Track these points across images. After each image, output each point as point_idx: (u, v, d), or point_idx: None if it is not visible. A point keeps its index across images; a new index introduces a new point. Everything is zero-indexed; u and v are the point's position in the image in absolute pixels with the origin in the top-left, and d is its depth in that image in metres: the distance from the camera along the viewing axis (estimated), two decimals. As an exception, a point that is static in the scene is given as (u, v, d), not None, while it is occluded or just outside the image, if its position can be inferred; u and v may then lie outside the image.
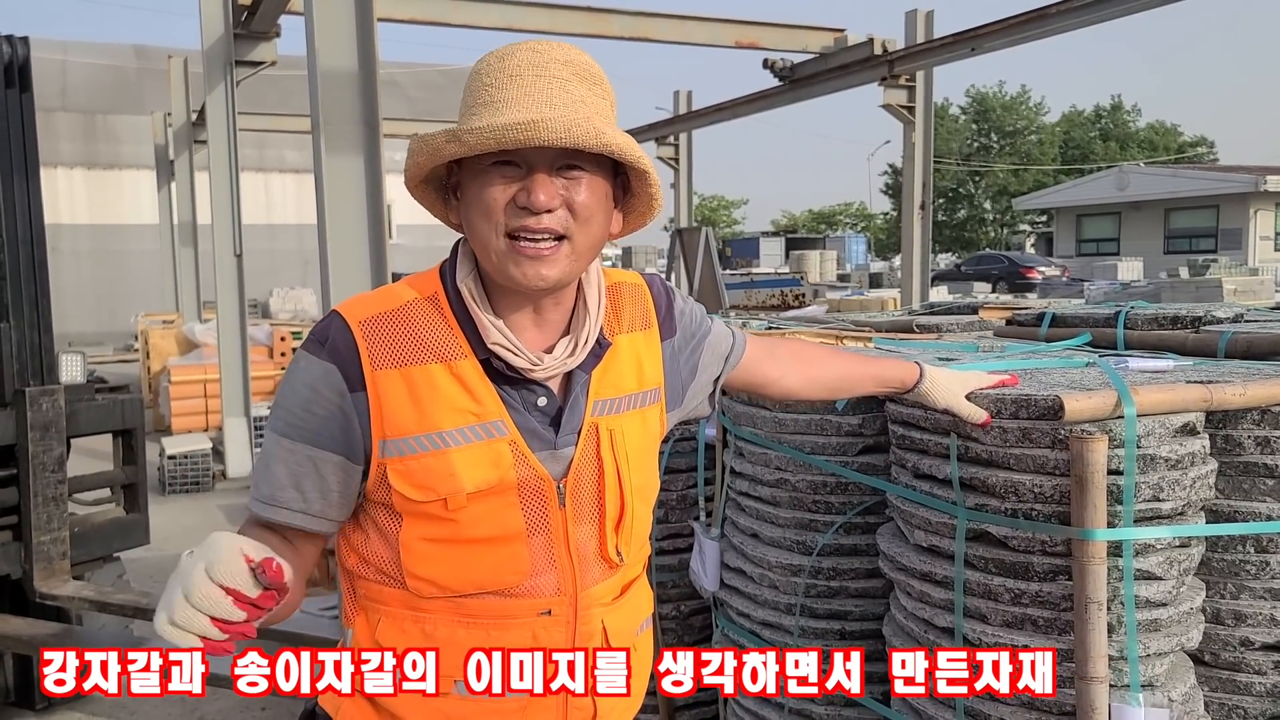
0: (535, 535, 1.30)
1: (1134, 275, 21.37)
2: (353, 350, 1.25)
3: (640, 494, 1.39)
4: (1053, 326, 3.03)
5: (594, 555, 1.35)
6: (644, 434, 1.40)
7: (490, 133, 1.16)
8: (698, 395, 1.54)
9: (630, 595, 1.43)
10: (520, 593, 1.30)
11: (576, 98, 1.23)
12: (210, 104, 8.26)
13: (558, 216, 1.22)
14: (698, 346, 1.52)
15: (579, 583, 1.33)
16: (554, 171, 1.22)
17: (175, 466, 7.92)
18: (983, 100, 48.24)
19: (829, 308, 8.79)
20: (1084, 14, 6.99)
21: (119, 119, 22.39)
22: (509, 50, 1.25)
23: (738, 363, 1.60)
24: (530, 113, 1.19)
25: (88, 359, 4.38)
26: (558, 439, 1.31)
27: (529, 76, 1.22)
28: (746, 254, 42.14)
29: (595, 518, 1.35)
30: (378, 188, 4.01)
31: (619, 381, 1.37)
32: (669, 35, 8.90)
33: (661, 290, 1.48)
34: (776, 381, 1.67)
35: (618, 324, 1.39)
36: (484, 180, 1.23)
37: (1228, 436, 2.00)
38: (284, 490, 1.27)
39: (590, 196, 1.24)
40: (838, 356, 1.79)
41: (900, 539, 2.14)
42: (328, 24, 3.88)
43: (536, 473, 1.29)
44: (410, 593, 1.30)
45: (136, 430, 4.19)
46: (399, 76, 24.23)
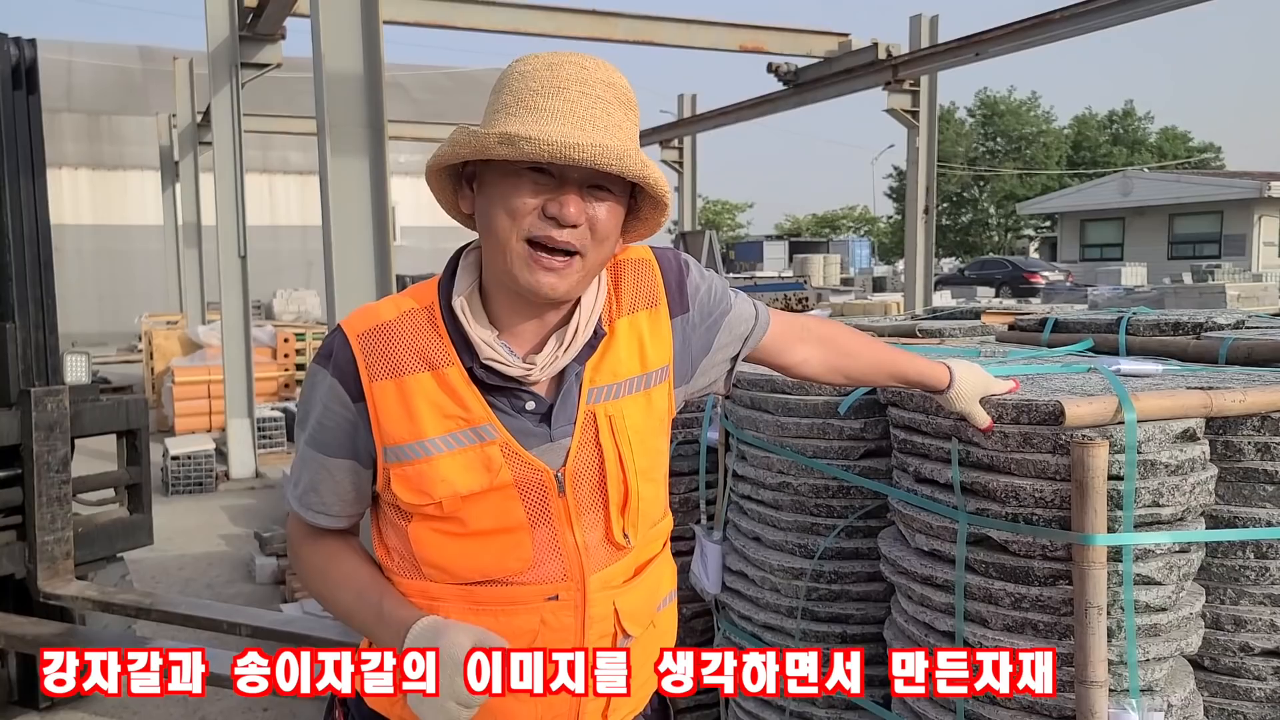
0: (538, 526, 1.32)
1: (1138, 280, 21.33)
2: (352, 364, 1.31)
3: (645, 475, 1.39)
4: (1055, 332, 3.03)
5: (600, 540, 1.36)
6: (648, 415, 1.40)
7: (546, 145, 1.18)
8: (710, 373, 1.51)
9: (647, 574, 1.44)
10: (526, 580, 1.32)
11: (616, 122, 1.26)
12: (215, 106, 8.29)
13: (579, 233, 1.25)
14: (715, 324, 1.48)
15: (586, 568, 1.34)
16: (584, 189, 1.25)
17: (179, 467, 7.94)
18: (991, 105, 48.23)
19: (832, 311, 8.80)
20: (1088, 19, 7.00)
21: (124, 120, 22.46)
22: (557, 60, 1.27)
23: (758, 344, 1.56)
24: (581, 133, 1.21)
25: (92, 359, 4.39)
26: (552, 432, 1.32)
27: (575, 92, 1.24)
28: (750, 257, 42.14)
29: (599, 503, 1.35)
30: (382, 189, 4.02)
31: (616, 367, 1.37)
32: (674, 39, 8.93)
33: (673, 264, 1.45)
34: (797, 366, 1.63)
35: (618, 308, 1.39)
36: (515, 182, 1.24)
37: (1228, 442, 2.01)
38: (311, 494, 1.39)
39: (610, 218, 1.28)
40: (868, 348, 1.71)
41: (901, 543, 2.15)
42: (333, 27, 3.90)
43: (533, 467, 1.31)
44: (426, 580, 1.34)
45: (140, 431, 4.20)
46: (404, 79, 24.29)
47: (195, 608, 3.71)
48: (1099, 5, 6.83)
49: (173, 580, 5.73)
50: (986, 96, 48.61)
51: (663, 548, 1.49)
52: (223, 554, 6.24)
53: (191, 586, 5.60)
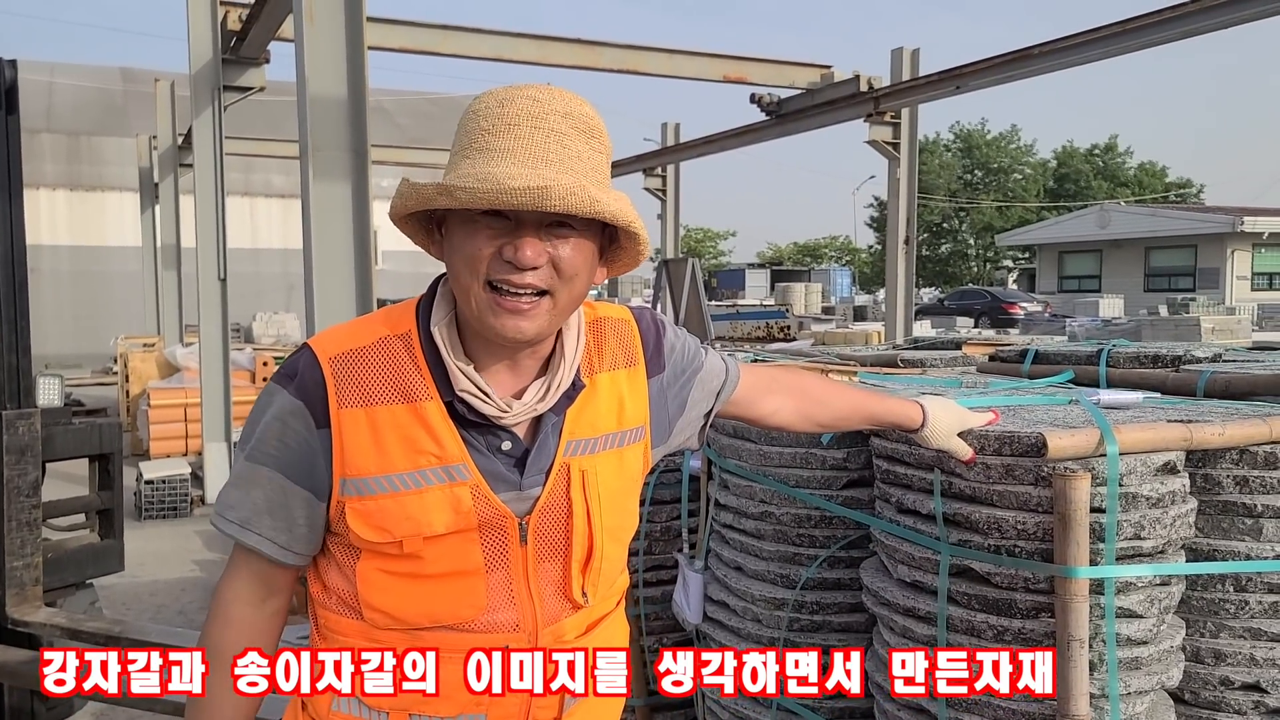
0: (494, 571, 1.28)
1: (1115, 312, 21.59)
2: (320, 387, 1.25)
3: (612, 535, 1.36)
4: (1035, 363, 3.05)
5: (558, 594, 1.33)
6: (620, 474, 1.38)
7: (484, 194, 1.15)
8: (686, 430, 1.52)
9: (600, 631, 1.40)
10: (476, 628, 1.28)
11: (573, 154, 1.20)
12: (197, 128, 8.26)
13: (541, 274, 1.20)
14: (688, 382, 1.49)
15: (540, 620, 1.31)
16: (542, 229, 1.20)
17: (152, 492, 7.82)
18: (968, 137, 48.89)
19: (814, 340, 8.84)
20: (1066, 55, 7.11)
21: (104, 141, 22.35)
22: (509, 94, 1.22)
23: (730, 397, 1.57)
24: (526, 173, 1.16)
25: (65, 381, 4.34)
26: (523, 480, 1.29)
27: (526, 128, 1.19)
28: (732, 285, 42.39)
29: (561, 557, 1.32)
30: (365, 214, 4.01)
31: (595, 421, 1.35)
32: (658, 69, 8.99)
33: (651, 326, 1.45)
34: (769, 417, 1.64)
35: (599, 362, 1.37)
36: (470, 229, 1.21)
37: (1207, 475, 2.01)
38: (260, 517, 1.29)
39: (576, 255, 1.22)
40: (838, 394, 1.73)
41: (884, 574, 2.14)
42: (318, 51, 3.90)
43: (499, 512, 1.27)
44: (367, 624, 1.29)
45: (114, 455, 4.14)
46: (388, 104, 24.34)
47: (166, 636, 3.64)
48: (1077, 42, 6.95)
49: (144, 607, 5.63)
50: (962, 130, 49.29)
51: (616, 605, 1.46)
52: (196, 579, 6.14)
53: (164, 613, 5.51)
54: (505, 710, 1.31)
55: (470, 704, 1.29)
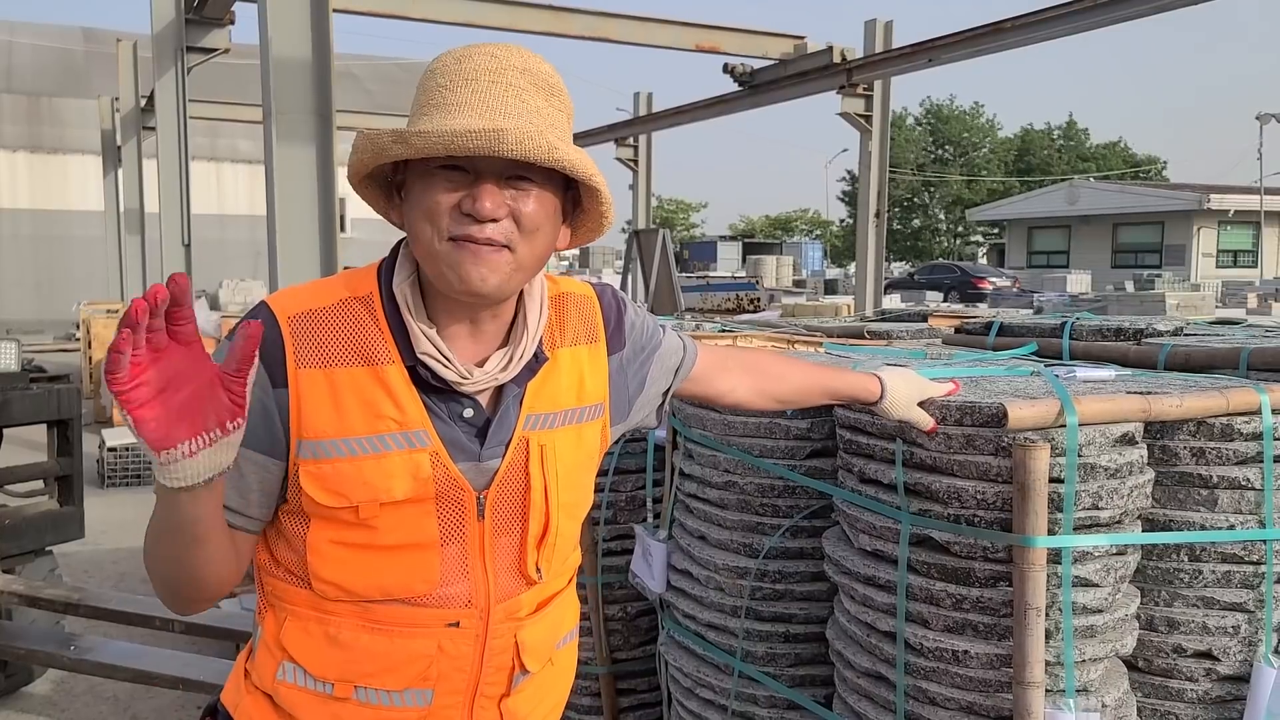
0: (449, 544, 1.26)
1: (1083, 288, 21.78)
2: (278, 346, 1.21)
3: (567, 511, 1.35)
4: (1000, 336, 3.07)
5: (511, 570, 1.31)
6: (578, 450, 1.37)
7: (439, 138, 1.13)
8: (644, 408, 1.51)
9: (551, 609, 1.39)
10: (428, 602, 1.26)
11: (532, 108, 1.19)
12: (160, 90, 8.09)
13: (502, 227, 1.19)
14: (647, 359, 1.48)
15: (492, 596, 1.29)
16: (502, 181, 1.18)
17: (115, 459, 7.73)
18: (937, 113, 49.03)
19: (783, 312, 8.85)
20: (1038, 29, 7.11)
21: (65, 102, 21.88)
22: (467, 52, 1.21)
23: (687, 375, 1.57)
24: (483, 121, 1.15)
25: (24, 347, 4.26)
26: (482, 451, 1.27)
27: (485, 82, 1.18)
28: (704, 257, 42.30)
29: (517, 532, 1.31)
30: (330, 180, 3.94)
31: (555, 396, 1.33)
32: (630, 36, 8.90)
33: (612, 302, 1.45)
34: (726, 394, 1.64)
35: (560, 337, 1.36)
36: (429, 183, 1.19)
37: (1164, 447, 2.04)
38: None
39: (538, 209, 1.21)
40: (795, 370, 1.74)
41: (845, 543, 2.15)
42: (281, 11, 3.81)
43: (457, 483, 1.25)
44: (316, 594, 1.26)
45: (73, 421, 4.08)
46: (356, 69, 23.98)
47: (126, 603, 3.61)
48: (1048, 16, 6.96)
49: (106, 575, 5.58)
50: (932, 105, 49.47)
51: (568, 583, 1.45)
52: (159, 549, 6.08)
53: (126, 581, 5.46)
54: (453, 685, 1.30)
55: (417, 678, 1.28)
